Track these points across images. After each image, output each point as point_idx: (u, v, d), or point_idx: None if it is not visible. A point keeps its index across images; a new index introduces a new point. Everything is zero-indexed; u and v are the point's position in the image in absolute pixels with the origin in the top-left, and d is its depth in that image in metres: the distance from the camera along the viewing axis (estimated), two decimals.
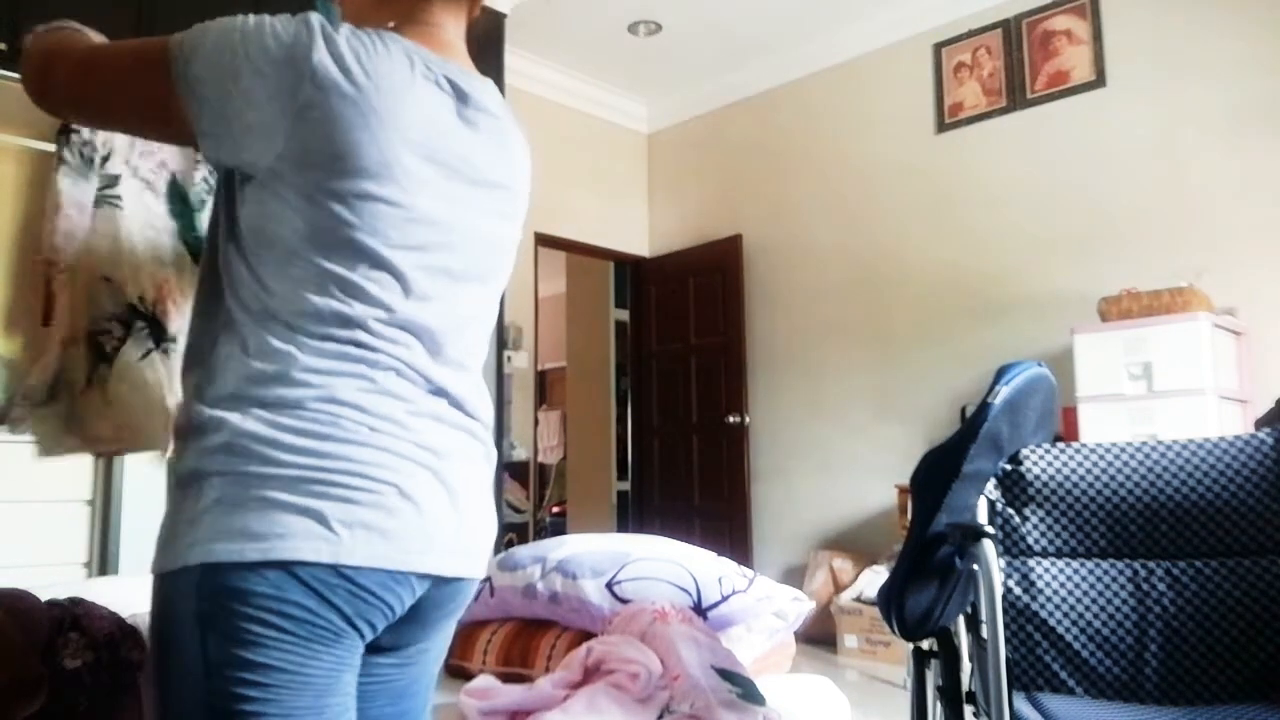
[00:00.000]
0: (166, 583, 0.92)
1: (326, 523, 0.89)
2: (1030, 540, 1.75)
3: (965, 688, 1.60)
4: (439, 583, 1.00)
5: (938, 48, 4.72)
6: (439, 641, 1.11)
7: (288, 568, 0.87)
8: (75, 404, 1.51)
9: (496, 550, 2.21)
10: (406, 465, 0.95)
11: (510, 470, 5.31)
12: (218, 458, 0.91)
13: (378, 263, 0.96)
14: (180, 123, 0.95)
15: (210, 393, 0.94)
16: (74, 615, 1.40)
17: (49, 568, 2.85)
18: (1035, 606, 1.71)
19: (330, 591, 0.89)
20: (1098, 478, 1.73)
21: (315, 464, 0.90)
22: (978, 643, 1.51)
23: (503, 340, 4.16)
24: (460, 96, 1.04)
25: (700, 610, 1.96)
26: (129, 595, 1.80)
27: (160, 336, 1.52)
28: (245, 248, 0.96)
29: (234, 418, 0.91)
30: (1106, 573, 1.71)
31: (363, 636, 0.95)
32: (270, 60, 0.92)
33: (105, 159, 1.58)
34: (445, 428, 1.01)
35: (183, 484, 0.95)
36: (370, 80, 0.94)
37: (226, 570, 0.87)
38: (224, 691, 0.88)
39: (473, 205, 1.05)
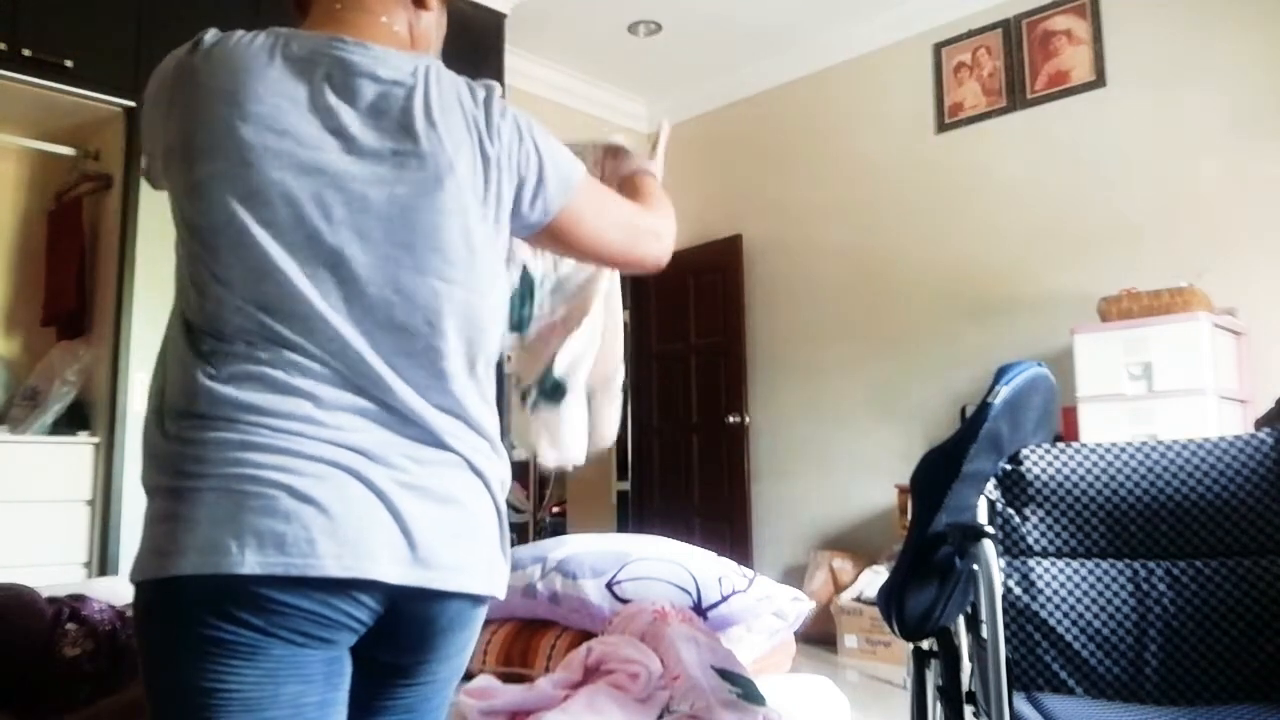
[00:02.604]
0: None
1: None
2: (1030, 540, 1.75)
3: (965, 688, 1.60)
4: (413, 597, 0.96)
5: (938, 48, 4.72)
6: (446, 663, 1.07)
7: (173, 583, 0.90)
8: None
9: None
10: (312, 466, 0.92)
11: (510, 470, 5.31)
12: None
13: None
14: None
15: None
16: (73, 608, 1.41)
17: (49, 568, 2.85)
18: (1035, 606, 1.71)
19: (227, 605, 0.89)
20: (1098, 478, 1.73)
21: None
22: (978, 643, 1.51)
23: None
24: (338, 68, 1.01)
25: (700, 610, 1.96)
26: (129, 595, 1.80)
27: None
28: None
29: None
30: (1106, 573, 1.71)
31: (299, 645, 0.91)
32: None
33: None
34: (375, 426, 0.96)
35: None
36: (210, 64, 0.99)
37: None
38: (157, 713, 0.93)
39: (357, 176, 0.98)
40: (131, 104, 3.14)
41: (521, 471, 5.66)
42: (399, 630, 0.99)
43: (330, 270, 0.96)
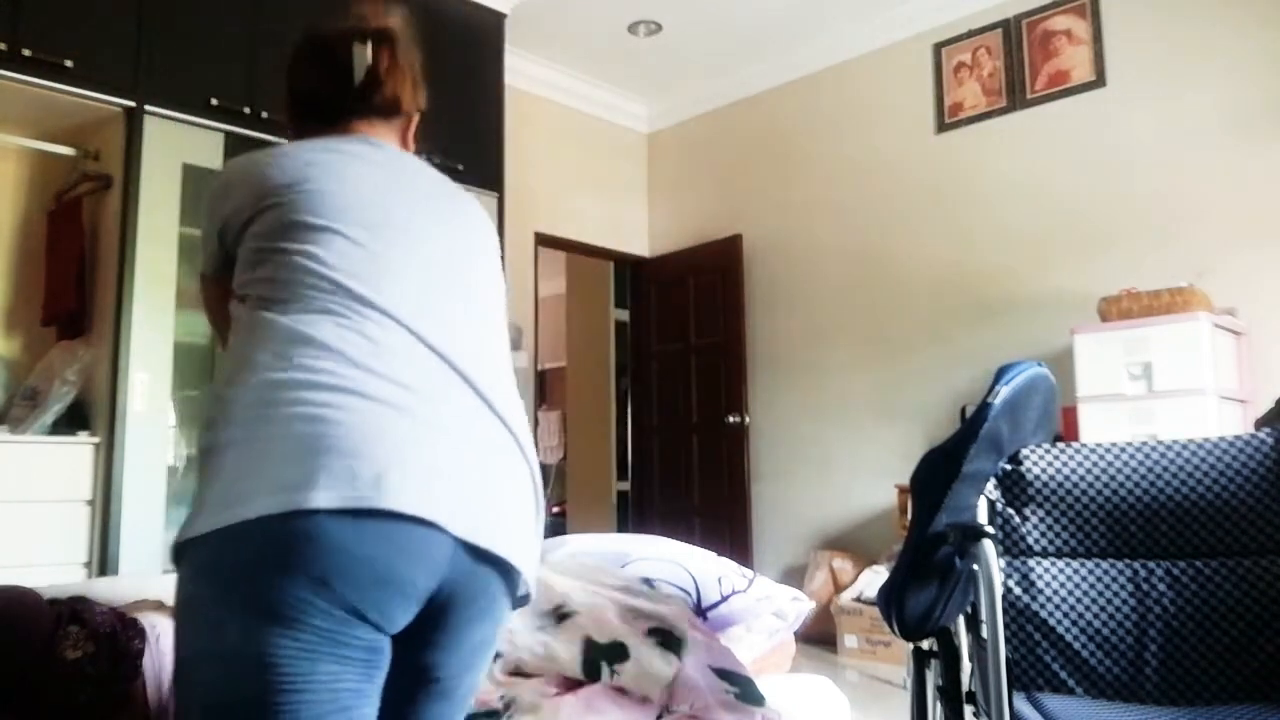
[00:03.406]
0: None
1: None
2: (1030, 540, 1.75)
3: (965, 688, 1.60)
4: (467, 562, 1.00)
5: (938, 48, 4.72)
6: (469, 671, 1.10)
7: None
8: None
9: None
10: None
11: None
12: None
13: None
14: None
15: None
16: (74, 609, 1.40)
17: (49, 568, 2.85)
18: (1035, 606, 1.71)
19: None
20: (1098, 478, 1.73)
21: None
22: (978, 643, 1.51)
23: None
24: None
25: (700, 610, 1.96)
26: (129, 595, 1.80)
27: None
28: None
29: None
30: (1106, 573, 1.71)
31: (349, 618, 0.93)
32: None
33: None
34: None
35: None
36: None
37: None
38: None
39: None
40: (131, 104, 3.14)
41: None
42: (443, 610, 1.02)
43: None
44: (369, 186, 1.15)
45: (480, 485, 1.01)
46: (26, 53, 2.93)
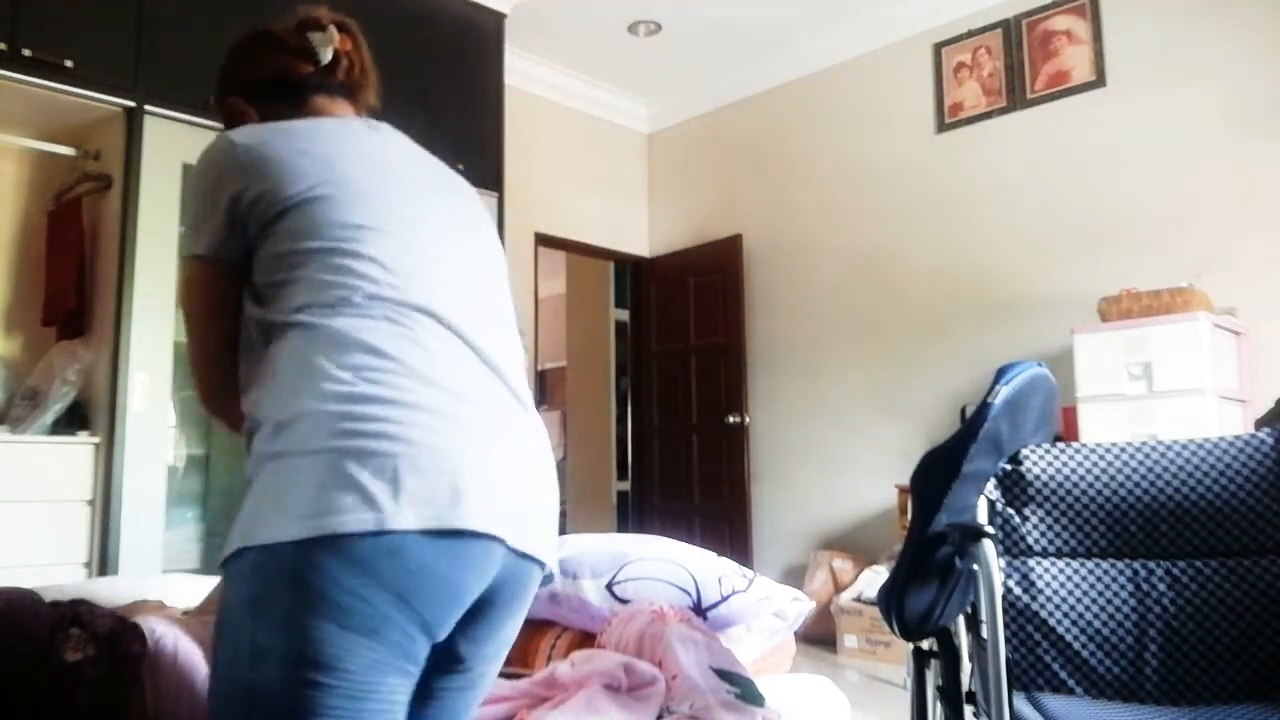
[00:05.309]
0: None
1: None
2: (1030, 540, 1.75)
3: (965, 688, 1.60)
4: (517, 566, 1.04)
5: (938, 48, 4.72)
6: (495, 656, 1.12)
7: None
8: None
9: None
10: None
11: None
12: None
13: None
14: None
15: None
16: (75, 612, 1.40)
17: (49, 568, 2.85)
18: (1035, 606, 1.71)
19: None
20: (1098, 478, 1.73)
21: None
22: (978, 643, 1.51)
23: None
24: None
25: (700, 610, 1.96)
26: (129, 596, 1.80)
27: None
28: None
29: None
30: (1106, 573, 1.71)
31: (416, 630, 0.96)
32: None
33: None
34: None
35: None
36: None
37: None
38: None
39: None
40: (131, 104, 3.14)
41: None
42: (483, 607, 1.05)
43: None
44: (395, 179, 1.14)
45: (523, 488, 1.04)
46: (26, 53, 2.93)
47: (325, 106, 1.27)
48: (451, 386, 1.01)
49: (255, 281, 1.08)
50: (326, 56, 1.27)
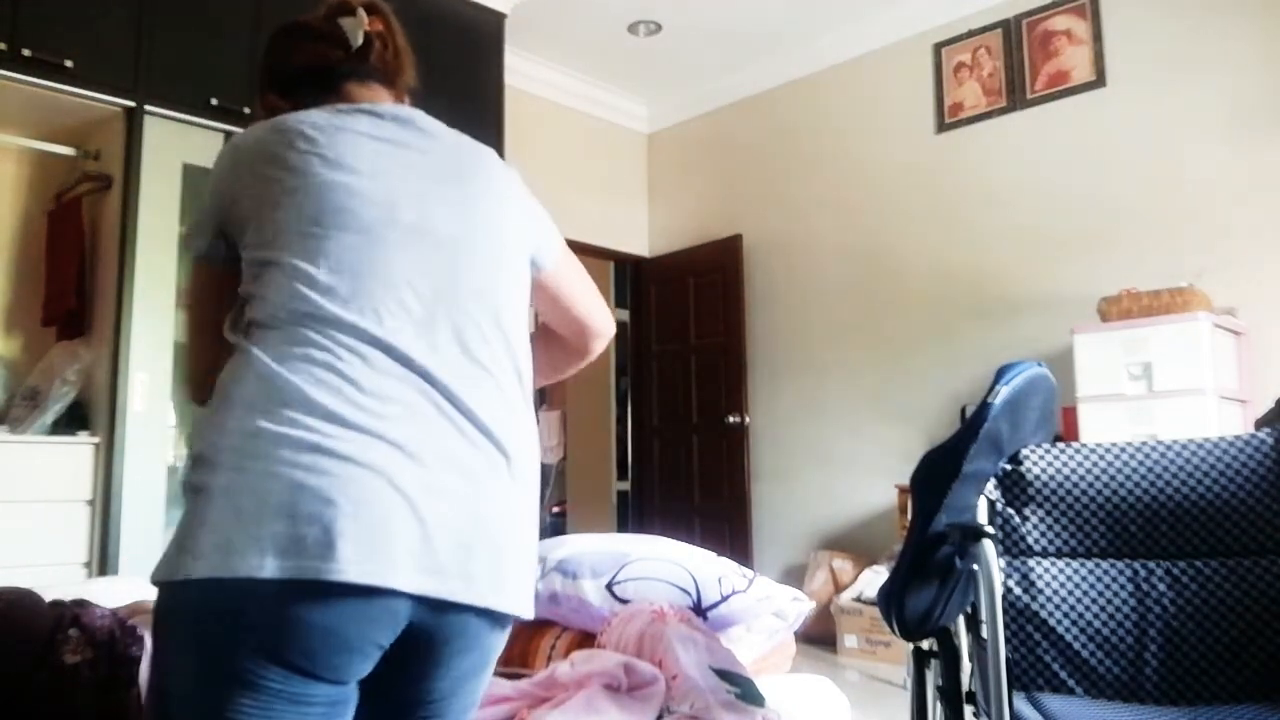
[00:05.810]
0: None
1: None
2: (1030, 540, 1.75)
3: (965, 688, 1.60)
4: (432, 610, 0.97)
5: (938, 48, 4.72)
6: (458, 695, 1.07)
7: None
8: None
9: None
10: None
11: None
12: None
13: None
14: None
15: None
16: (75, 614, 1.40)
17: (49, 568, 2.85)
18: (1035, 606, 1.71)
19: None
20: (1098, 478, 1.73)
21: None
22: (978, 643, 1.51)
23: None
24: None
25: (700, 610, 1.96)
26: (129, 595, 1.80)
27: None
28: None
29: None
30: (1106, 573, 1.71)
31: (307, 677, 0.92)
32: None
33: None
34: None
35: None
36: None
37: None
38: None
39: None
40: (131, 104, 3.14)
41: None
42: (421, 645, 0.99)
43: None
44: (383, 178, 1.07)
45: (459, 530, 0.97)
46: (26, 53, 2.93)
47: (358, 93, 1.22)
48: (375, 428, 0.94)
49: (241, 292, 1.07)
50: (358, 40, 1.23)
